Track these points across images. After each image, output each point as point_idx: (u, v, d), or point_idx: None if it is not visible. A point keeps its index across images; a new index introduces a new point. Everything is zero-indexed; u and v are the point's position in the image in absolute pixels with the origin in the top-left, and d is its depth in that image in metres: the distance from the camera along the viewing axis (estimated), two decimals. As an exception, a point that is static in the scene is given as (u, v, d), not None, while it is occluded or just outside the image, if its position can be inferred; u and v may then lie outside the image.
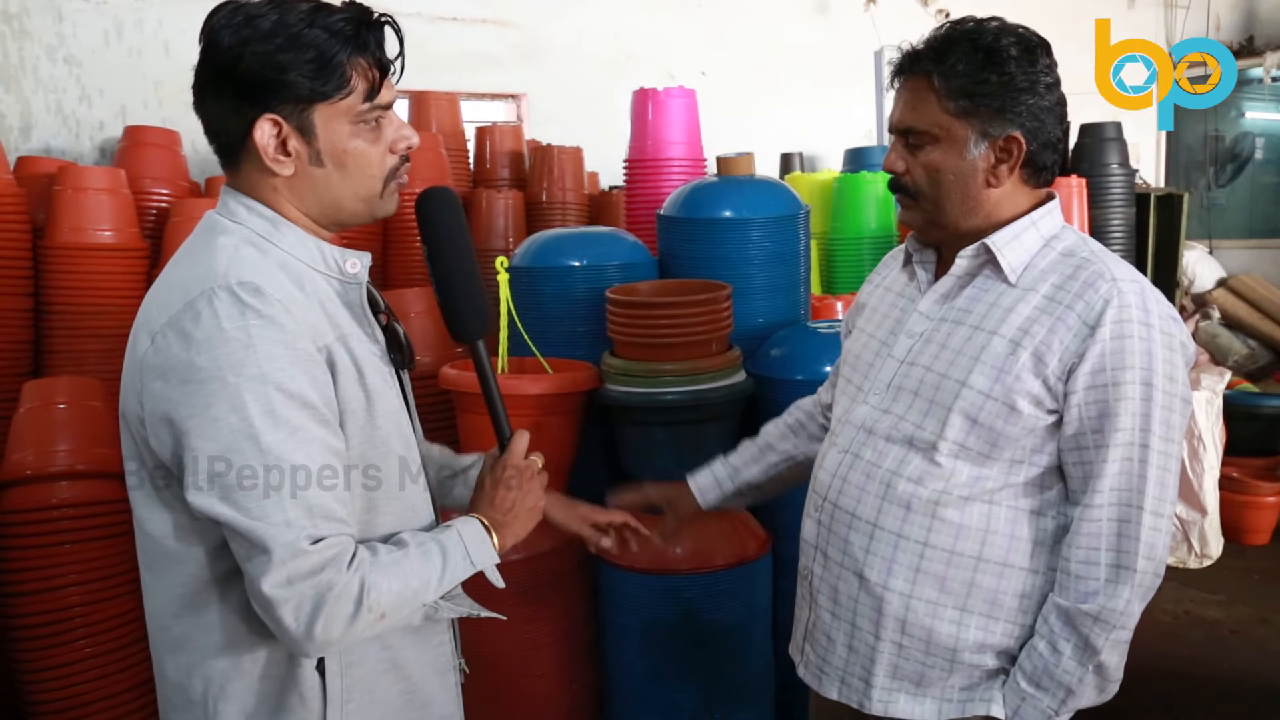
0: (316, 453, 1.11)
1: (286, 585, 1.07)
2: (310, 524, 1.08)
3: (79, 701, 2.38)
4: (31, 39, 4.12)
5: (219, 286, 1.11)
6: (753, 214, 2.60)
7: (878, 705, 1.47)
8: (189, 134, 3.97)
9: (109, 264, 2.95)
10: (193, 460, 1.08)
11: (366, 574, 1.12)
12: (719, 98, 4.50)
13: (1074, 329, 1.33)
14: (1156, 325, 1.33)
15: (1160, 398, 1.32)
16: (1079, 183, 3.33)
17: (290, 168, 1.20)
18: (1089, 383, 1.33)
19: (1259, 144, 8.08)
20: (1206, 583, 4.03)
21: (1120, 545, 1.33)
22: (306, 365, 1.12)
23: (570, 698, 2.52)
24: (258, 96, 1.15)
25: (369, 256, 1.29)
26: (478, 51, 5.19)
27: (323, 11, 1.17)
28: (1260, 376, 6.62)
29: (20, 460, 2.41)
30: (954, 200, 1.42)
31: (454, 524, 1.28)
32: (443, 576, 1.21)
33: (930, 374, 1.43)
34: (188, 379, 1.08)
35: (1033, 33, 1.42)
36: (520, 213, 3.80)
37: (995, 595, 1.41)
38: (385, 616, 1.14)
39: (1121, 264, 1.38)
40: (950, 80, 1.37)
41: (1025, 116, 1.37)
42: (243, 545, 1.09)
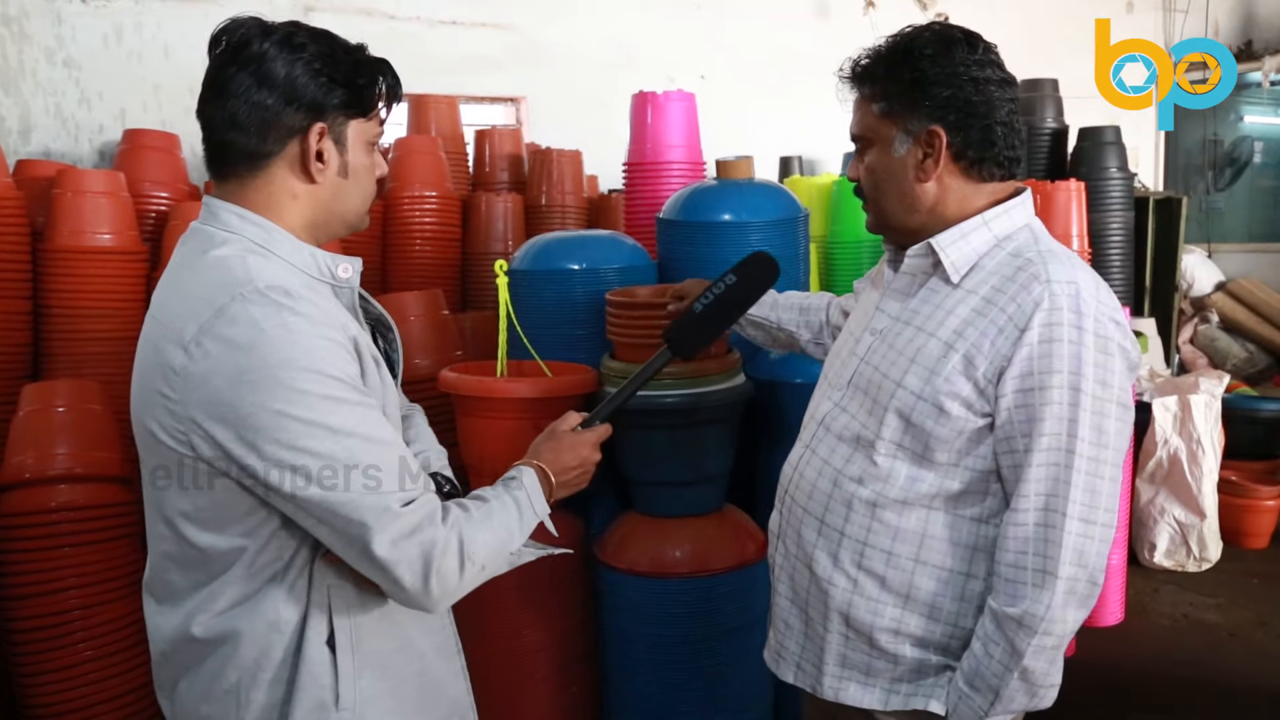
0: (377, 425, 1.19)
1: (394, 547, 1.14)
2: (397, 487, 1.16)
3: (78, 705, 2.38)
4: (31, 42, 4.13)
5: (248, 291, 1.15)
6: (752, 217, 2.60)
7: (829, 691, 1.52)
8: (188, 137, 3.97)
9: (108, 267, 2.95)
10: (267, 458, 1.12)
11: (463, 529, 1.20)
12: (718, 101, 4.50)
13: (1005, 331, 1.33)
14: (1089, 329, 1.31)
15: (1089, 402, 1.30)
16: (1078, 186, 3.33)
17: (324, 175, 1.27)
18: (1017, 386, 1.32)
19: (1258, 148, 8.09)
20: (1205, 586, 4.02)
21: (1045, 551, 1.32)
22: (342, 353, 1.18)
23: (568, 701, 2.51)
24: (313, 105, 1.23)
25: (359, 262, 1.34)
26: (477, 54, 5.19)
27: (342, 41, 1.27)
28: (1259, 380, 6.63)
29: (19, 463, 2.41)
30: (891, 198, 1.46)
31: (519, 476, 1.36)
32: (521, 526, 1.31)
33: (876, 373, 1.46)
34: (240, 380, 1.12)
35: (959, 29, 1.44)
36: (519, 216, 3.80)
37: (934, 598, 1.43)
38: (485, 568, 1.23)
39: (1064, 265, 1.36)
40: (873, 85, 1.44)
41: (944, 109, 1.38)
42: (339, 523, 1.15)
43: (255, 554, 1.21)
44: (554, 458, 1.43)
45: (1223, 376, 4.39)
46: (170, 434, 1.17)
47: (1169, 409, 4.11)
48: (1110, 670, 3.34)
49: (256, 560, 1.21)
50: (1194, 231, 7.10)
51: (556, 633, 2.44)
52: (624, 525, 2.48)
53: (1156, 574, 4.14)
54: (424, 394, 2.59)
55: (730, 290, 1.65)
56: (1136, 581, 3.98)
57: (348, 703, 1.25)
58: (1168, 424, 4.12)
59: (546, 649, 2.43)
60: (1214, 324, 7.02)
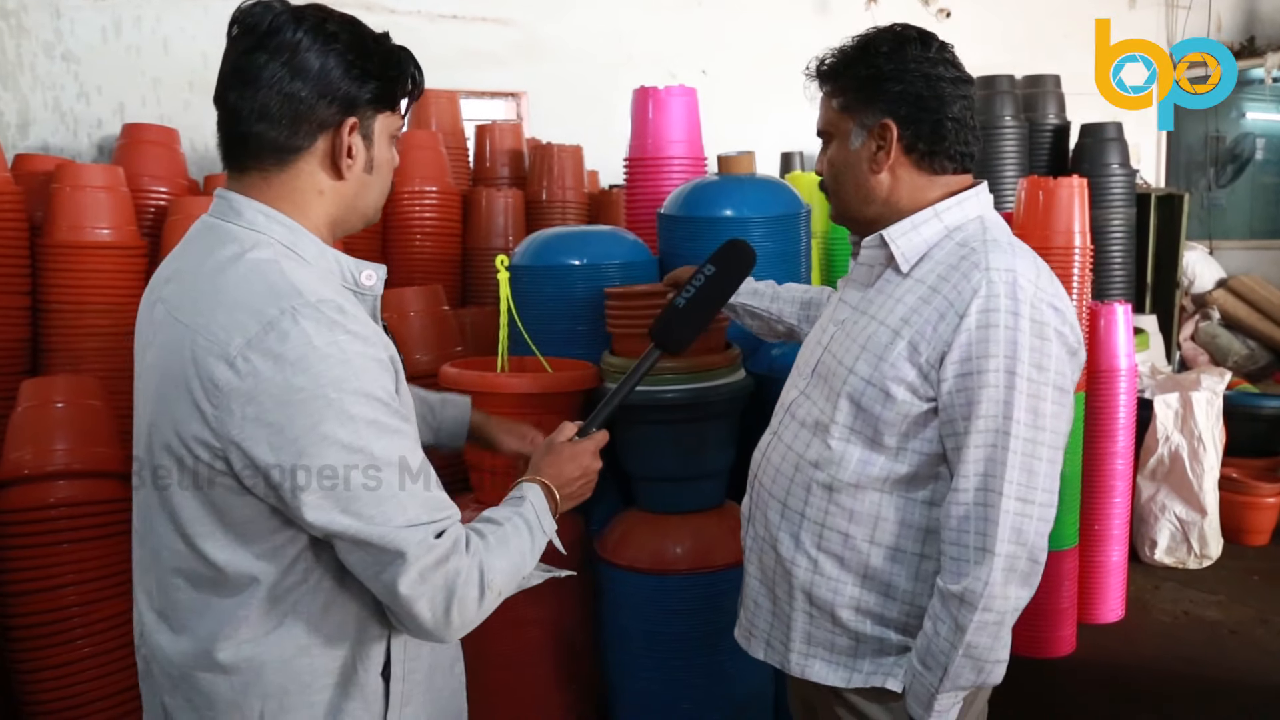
0: (412, 448, 1.16)
1: (420, 581, 1.11)
2: (429, 517, 1.14)
3: (77, 701, 2.38)
4: (29, 35, 4.11)
5: (300, 304, 1.10)
6: (754, 213, 2.59)
7: (795, 667, 1.57)
8: (187, 132, 3.97)
9: (107, 262, 2.94)
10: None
11: (483, 557, 1.18)
12: (719, 97, 4.49)
13: (946, 317, 1.38)
14: (1025, 314, 1.34)
15: (1024, 385, 1.34)
16: (1080, 182, 3.31)
17: (352, 172, 1.23)
18: (956, 370, 1.36)
19: (1259, 145, 8.08)
20: (1206, 583, 4.02)
21: (984, 529, 1.35)
22: (386, 374, 1.16)
23: (569, 697, 2.51)
24: (346, 100, 1.19)
25: (384, 269, 1.29)
26: (478, 50, 5.18)
27: (370, 32, 1.23)
28: (1260, 377, 6.62)
29: (18, 459, 2.40)
30: (848, 190, 1.53)
31: (525, 495, 1.34)
32: (533, 548, 1.30)
33: (833, 360, 1.52)
34: (287, 400, 1.07)
35: (915, 29, 1.49)
36: (520, 211, 3.79)
37: (890, 577, 1.48)
38: (501, 594, 1.21)
39: (1004, 253, 1.39)
40: (834, 82, 1.51)
41: (895, 103, 1.44)
42: (370, 552, 1.11)
43: (279, 576, 1.16)
44: (556, 471, 1.42)
45: (1224, 373, 4.39)
46: (203, 446, 1.11)
47: (1170, 406, 4.11)
48: (1111, 667, 3.34)
49: (281, 583, 1.16)
50: (1195, 228, 7.10)
51: (557, 629, 2.44)
52: (624, 522, 2.48)
53: (1157, 571, 4.14)
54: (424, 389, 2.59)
55: (710, 281, 1.66)
56: (1137, 578, 3.97)
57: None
58: (1169, 421, 4.12)
59: (547, 645, 2.43)
60: (1215, 321, 7.02)
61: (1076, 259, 3.25)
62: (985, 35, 6.56)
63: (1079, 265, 3.26)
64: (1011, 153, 5.76)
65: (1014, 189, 4.49)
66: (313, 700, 1.19)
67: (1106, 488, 3.60)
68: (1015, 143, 5.77)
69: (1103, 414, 3.55)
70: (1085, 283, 3.30)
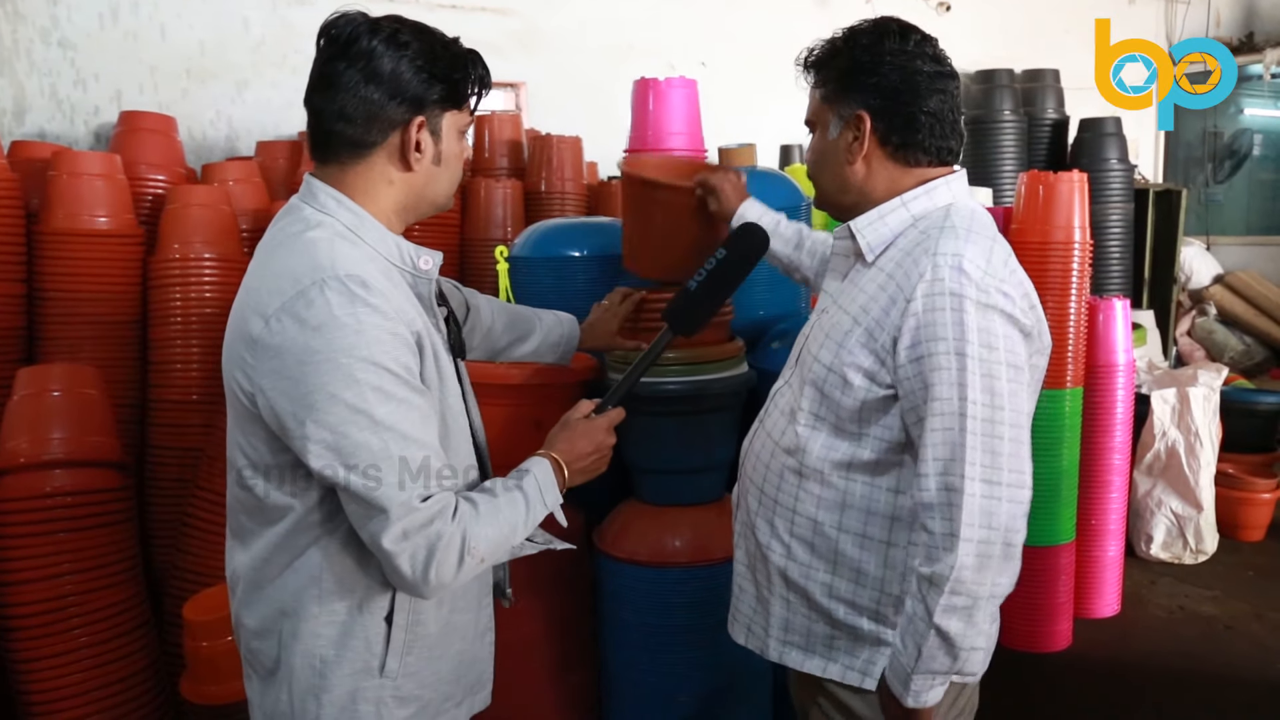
0: (420, 420, 1.27)
1: (403, 539, 1.23)
2: (420, 483, 1.24)
3: (74, 691, 2.37)
4: (25, 21, 4.08)
5: (329, 277, 1.24)
6: (754, 205, 2.58)
7: (773, 654, 1.60)
8: (185, 119, 3.95)
9: (104, 250, 2.93)
10: (314, 432, 1.21)
11: (468, 525, 1.28)
12: (719, 89, 4.47)
13: (896, 303, 1.40)
14: (970, 295, 1.34)
15: (976, 366, 1.33)
16: (1080, 177, 3.31)
17: (420, 165, 1.36)
18: (908, 356, 1.38)
19: (1258, 141, 8.08)
20: (1202, 578, 4.03)
21: (950, 514, 1.34)
22: (403, 348, 1.27)
23: (568, 689, 2.51)
24: (415, 99, 1.32)
25: (440, 255, 1.44)
26: (477, 40, 5.06)
27: (438, 34, 1.37)
28: (1256, 373, 6.64)
29: (14, 448, 2.40)
30: (826, 178, 1.57)
31: (531, 469, 1.43)
32: (527, 520, 1.38)
33: (805, 351, 1.56)
34: (305, 360, 1.21)
35: (896, 21, 1.51)
36: (519, 202, 3.78)
37: (859, 563, 1.49)
38: (484, 560, 1.31)
39: (956, 238, 1.40)
40: (818, 73, 1.55)
41: (869, 94, 1.47)
42: (361, 506, 1.24)
43: (305, 512, 1.31)
44: (569, 447, 1.50)
45: (1221, 369, 4.39)
46: (244, 393, 1.28)
47: (1167, 401, 4.11)
48: (1107, 662, 3.35)
49: (306, 518, 1.31)
50: (1193, 224, 7.10)
51: (557, 621, 2.44)
52: (624, 514, 2.47)
53: (1153, 566, 4.15)
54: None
55: (722, 264, 1.69)
56: (1133, 573, 3.98)
57: (391, 672, 1.36)
58: (1166, 416, 4.12)
59: (547, 637, 2.43)
60: (1212, 316, 7.02)
61: (1076, 254, 3.25)
62: (985, 29, 6.55)
63: (1078, 260, 3.26)
64: (1010, 147, 5.76)
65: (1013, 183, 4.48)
66: (320, 631, 1.34)
67: (1103, 483, 3.60)
68: (1014, 137, 5.77)
69: (1100, 409, 3.55)
70: (1085, 278, 3.30)
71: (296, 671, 1.35)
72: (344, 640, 1.34)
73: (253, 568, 1.37)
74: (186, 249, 2.94)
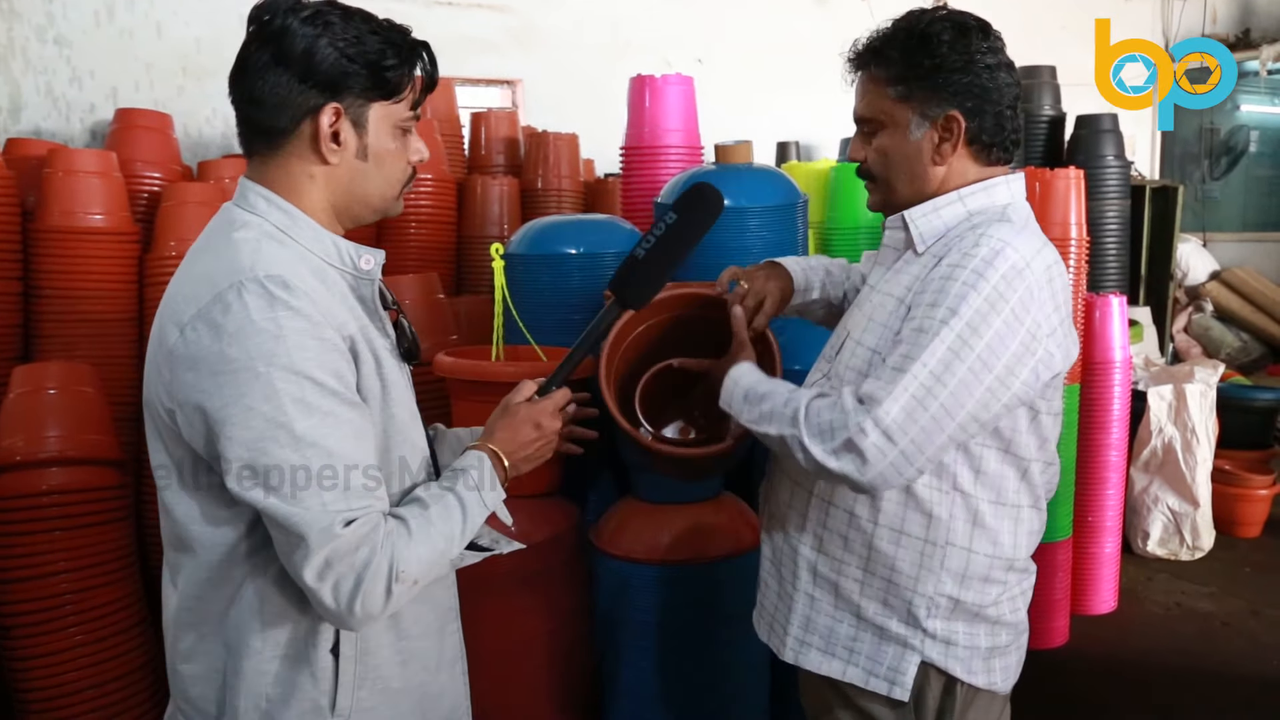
0: (347, 435, 1.15)
1: (326, 568, 1.11)
2: (345, 505, 1.13)
3: (70, 689, 2.37)
4: (21, 19, 4.08)
5: (247, 279, 1.13)
6: (751, 203, 2.58)
7: (789, 654, 1.56)
8: (181, 117, 3.94)
9: (100, 248, 2.92)
10: (229, 449, 1.11)
11: (396, 548, 1.16)
12: (715, 86, 4.46)
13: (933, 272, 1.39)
14: (989, 279, 1.32)
15: (952, 341, 1.30)
16: (1077, 174, 3.31)
17: (338, 157, 1.24)
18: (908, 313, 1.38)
19: (1254, 137, 8.09)
20: (1198, 575, 4.04)
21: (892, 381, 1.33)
22: (332, 354, 1.16)
23: (563, 688, 2.51)
24: (328, 84, 1.21)
25: (383, 254, 1.34)
26: (473, 36, 5.15)
27: (379, 22, 1.25)
28: (1252, 369, 6.64)
29: (10, 446, 2.39)
30: (903, 180, 1.49)
31: (466, 468, 1.30)
32: (464, 529, 1.26)
33: (850, 340, 1.52)
34: (219, 370, 1.11)
35: (971, 16, 1.48)
36: (515, 199, 3.77)
37: (894, 561, 1.46)
38: (418, 582, 1.19)
39: (1010, 229, 1.38)
40: (888, 69, 1.45)
41: (962, 95, 1.43)
42: (281, 532, 1.13)
43: (237, 540, 1.20)
44: (509, 435, 1.39)
45: (1218, 366, 4.40)
46: (165, 410, 1.18)
47: (1164, 398, 4.12)
48: (1103, 658, 3.35)
49: (238, 548, 1.20)
50: (1189, 220, 7.10)
51: (553, 618, 2.43)
52: (621, 511, 2.47)
53: (1150, 562, 4.15)
54: (419, 377, 2.57)
55: (672, 229, 1.55)
56: (1130, 570, 3.99)
57: (343, 710, 1.24)
58: (1162, 413, 4.13)
59: (543, 635, 2.42)
60: (1208, 313, 7.03)
61: (1073, 250, 3.26)
62: (982, 26, 6.53)
63: (1075, 257, 3.26)
64: (1007, 144, 5.75)
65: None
66: (264, 669, 1.22)
67: (1100, 479, 3.61)
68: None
69: (1097, 406, 3.55)
70: (1081, 274, 3.31)
71: (241, 715, 1.22)
72: (290, 677, 1.22)
73: (185, 608, 1.25)
74: (183, 247, 2.92)
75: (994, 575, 1.48)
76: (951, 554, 1.45)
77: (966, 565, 1.45)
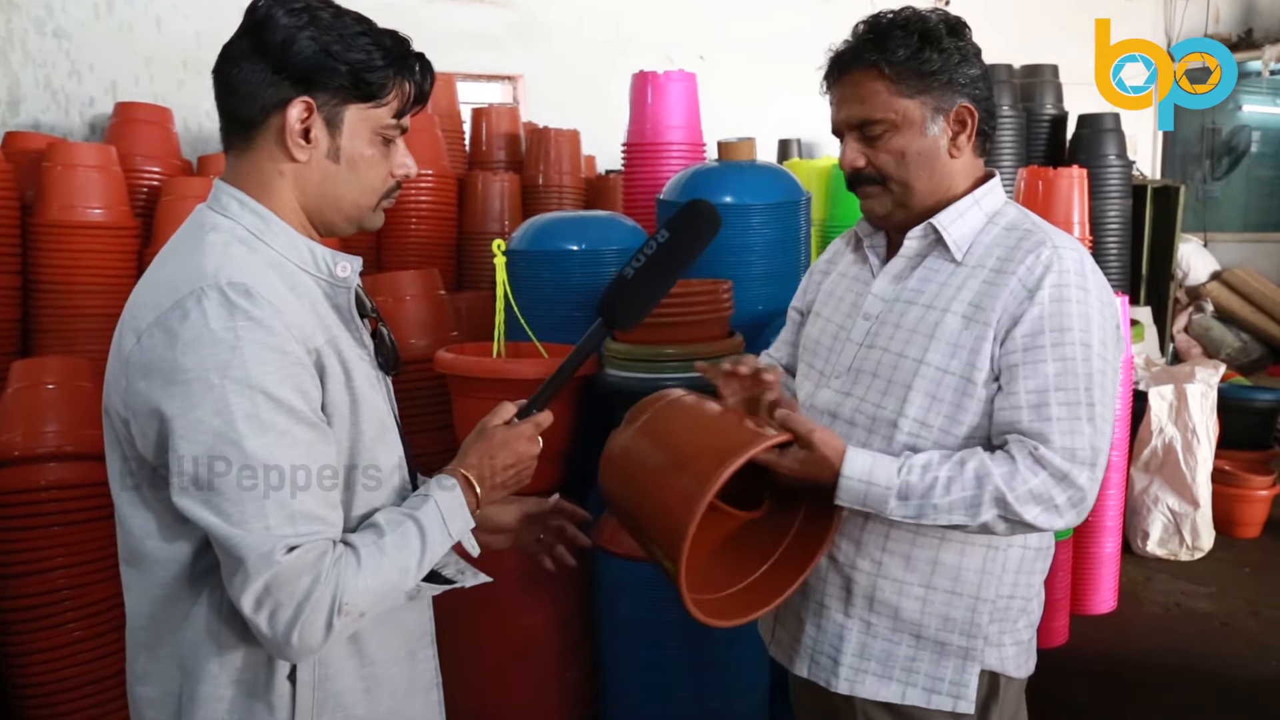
0: (301, 456, 1.09)
1: (264, 593, 1.05)
2: (290, 529, 1.07)
3: (67, 685, 2.37)
4: (20, 11, 4.07)
5: (209, 286, 1.09)
6: (754, 200, 2.57)
7: (844, 684, 1.50)
8: (181, 111, 3.93)
9: (99, 242, 2.91)
10: (177, 461, 1.06)
11: (342, 578, 1.09)
12: (717, 83, 4.46)
13: (1015, 294, 1.38)
14: (1094, 291, 1.38)
15: (1097, 361, 1.36)
16: (1080, 173, 3.31)
17: (306, 154, 1.19)
18: (1025, 343, 1.36)
19: (1255, 137, 8.09)
20: (1197, 575, 4.03)
21: (1068, 485, 1.34)
22: (294, 369, 1.10)
23: (566, 684, 2.50)
24: (301, 77, 1.16)
25: (360, 261, 1.28)
26: (475, 32, 5.14)
27: (374, 26, 1.22)
28: (1252, 370, 6.64)
29: (8, 441, 2.38)
30: (922, 179, 1.46)
31: (431, 494, 1.23)
32: (422, 560, 1.19)
33: (888, 354, 1.47)
34: (172, 379, 1.06)
35: (949, 13, 1.50)
36: (516, 196, 3.77)
37: (958, 571, 1.45)
38: (365, 614, 1.12)
39: (1063, 234, 1.43)
40: (897, 66, 1.42)
41: (969, 86, 1.45)
42: (223, 553, 1.08)
43: (191, 559, 1.15)
44: (484, 460, 1.30)
45: (1218, 366, 4.39)
46: (120, 420, 1.14)
47: (1165, 398, 4.11)
48: (1103, 658, 3.35)
49: (192, 567, 1.15)
50: (1190, 220, 7.09)
51: (554, 617, 2.43)
52: (621, 509, 2.46)
53: (1149, 562, 4.15)
54: (420, 374, 2.57)
55: (663, 249, 1.45)
56: (1129, 570, 3.98)
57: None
58: (1163, 413, 4.12)
59: (544, 633, 2.42)
60: (1208, 313, 7.03)
61: (1075, 250, 3.25)
62: (983, 25, 6.44)
63: (1077, 256, 3.26)
64: (1008, 142, 5.74)
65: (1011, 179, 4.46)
66: (219, 694, 1.16)
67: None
68: (1012, 132, 5.75)
69: (1098, 405, 3.55)
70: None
71: None
72: (247, 704, 1.16)
73: (139, 627, 1.20)
74: (182, 241, 2.92)
75: (1037, 566, 1.51)
76: (1013, 552, 1.46)
77: (1020, 560, 1.48)
